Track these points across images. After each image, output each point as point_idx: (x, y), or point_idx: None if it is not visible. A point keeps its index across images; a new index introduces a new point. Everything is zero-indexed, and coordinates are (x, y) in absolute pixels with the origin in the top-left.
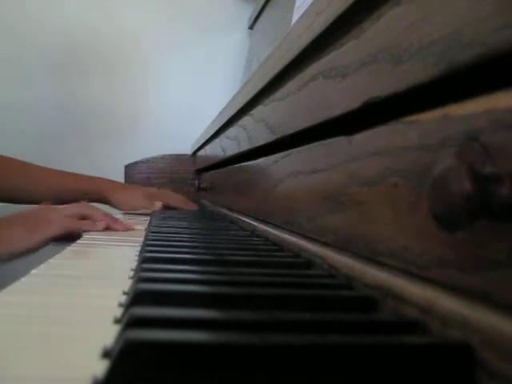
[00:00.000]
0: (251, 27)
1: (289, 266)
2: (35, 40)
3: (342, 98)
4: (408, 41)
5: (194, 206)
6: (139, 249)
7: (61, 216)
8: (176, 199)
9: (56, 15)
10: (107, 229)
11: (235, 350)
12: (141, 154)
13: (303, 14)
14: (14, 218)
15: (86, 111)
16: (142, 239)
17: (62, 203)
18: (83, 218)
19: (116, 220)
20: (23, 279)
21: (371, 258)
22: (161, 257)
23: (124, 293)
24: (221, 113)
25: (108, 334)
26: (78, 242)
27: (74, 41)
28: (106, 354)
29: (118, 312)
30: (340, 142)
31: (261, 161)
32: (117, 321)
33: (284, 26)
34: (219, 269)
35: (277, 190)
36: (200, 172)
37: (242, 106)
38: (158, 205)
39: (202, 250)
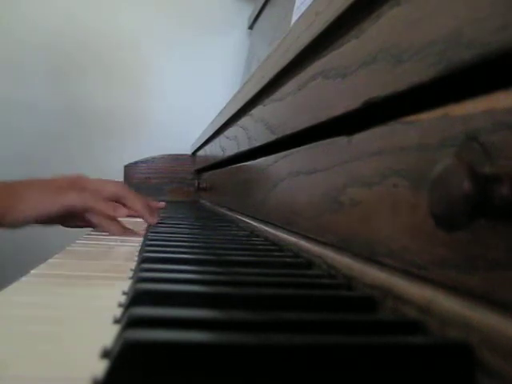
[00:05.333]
0: (251, 27)
1: (288, 266)
2: (33, 41)
3: (341, 98)
4: (408, 41)
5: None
6: (139, 248)
7: (93, 197)
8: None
9: (54, 16)
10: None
11: (235, 350)
12: (141, 153)
13: (303, 13)
14: (33, 182)
15: (86, 111)
16: (141, 239)
17: None
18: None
19: (152, 212)
20: (23, 279)
21: (371, 258)
22: (160, 257)
23: (123, 293)
24: (220, 113)
25: (107, 334)
26: (78, 241)
27: (73, 41)
28: (105, 354)
29: (118, 312)
30: (340, 141)
31: (260, 161)
32: (116, 321)
33: (284, 26)
34: (219, 269)
35: (276, 189)
36: (199, 172)
37: (241, 105)
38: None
39: (201, 250)
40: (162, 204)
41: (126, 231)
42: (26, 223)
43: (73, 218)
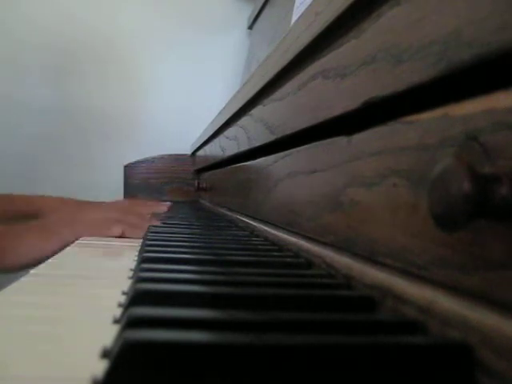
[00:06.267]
0: (250, 27)
1: (288, 265)
2: (33, 41)
3: (341, 98)
4: (408, 41)
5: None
6: (138, 248)
7: (78, 225)
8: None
9: (51, 15)
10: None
11: (235, 350)
12: (140, 154)
13: (303, 13)
14: (30, 225)
15: (86, 111)
16: (141, 239)
17: None
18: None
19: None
20: (23, 279)
21: (371, 258)
22: (160, 257)
23: (123, 293)
24: (220, 113)
25: (107, 334)
26: (78, 242)
27: (73, 41)
28: (105, 354)
29: (118, 312)
30: (339, 142)
31: (260, 161)
32: (116, 321)
33: (283, 26)
34: (219, 269)
35: (276, 190)
36: (199, 172)
37: (241, 105)
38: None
39: (201, 250)
40: (167, 205)
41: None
42: (25, 267)
43: None
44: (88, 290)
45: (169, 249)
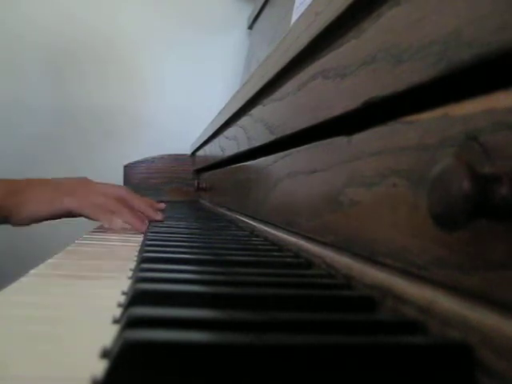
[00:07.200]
0: (250, 27)
1: (288, 265)
2: (33, 40)
3: (341, 98)
4: (408, 41)
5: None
6: (138, 248)
7: (88, 201)
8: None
9: (51, 15)
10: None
11: (235, 350)
12: (140, 154)
13: (302, 13)
14: (45, 183)
15: (86, 112)
16: (141, 239)
17: None
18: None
19: (155, 210)
20: (23, 279)
21: (371, 258)
22: (160, 257)
23: (123, 293)
24: (220, 113)
25: (107, 334)
26: (77, 241)
27: (73, 41)
28: (105, 354)
29: (117, 312)
30: (339, 142)
31: (260, 161)
32: (116, 321)
33: (283, 26)
34: (218, 269)
35: (276, 190)
36: (199, 172)
37: (241, 105)
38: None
39: (201, 250)
40: (162, 205)
41: (126, 226)
42: (30, 222)
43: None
44: (88, 290)
45: (168, 249)
